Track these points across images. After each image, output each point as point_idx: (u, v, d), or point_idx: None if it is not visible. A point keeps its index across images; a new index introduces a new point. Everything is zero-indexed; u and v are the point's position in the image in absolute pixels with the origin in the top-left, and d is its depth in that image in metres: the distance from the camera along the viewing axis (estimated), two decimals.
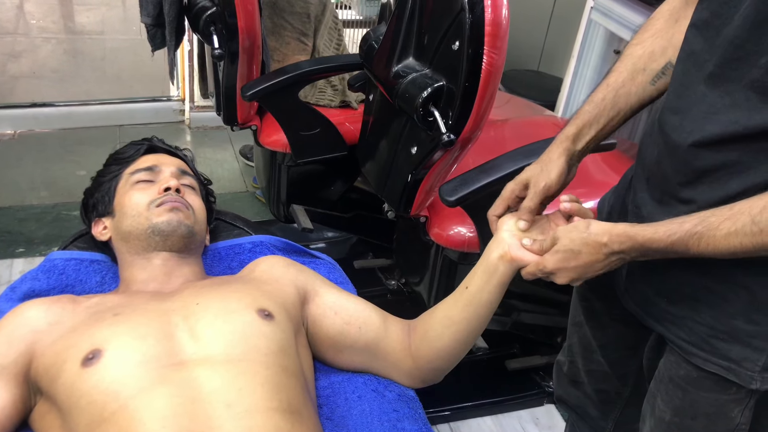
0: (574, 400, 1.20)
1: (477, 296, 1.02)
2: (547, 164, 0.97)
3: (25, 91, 3.09)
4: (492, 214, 1.03)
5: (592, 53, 2.41)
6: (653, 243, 0.78)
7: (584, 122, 0.96)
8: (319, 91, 2.00)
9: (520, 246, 0.97)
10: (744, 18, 0.72)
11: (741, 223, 0.71)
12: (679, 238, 0.76)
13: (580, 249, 0.85)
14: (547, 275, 0.91)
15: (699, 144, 0.77)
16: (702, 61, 0.78)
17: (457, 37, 1.20)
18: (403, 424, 1.05)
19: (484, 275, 1.01)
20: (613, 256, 0.83)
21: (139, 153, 1.22)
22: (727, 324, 0.81)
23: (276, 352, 0.96)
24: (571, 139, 0.97)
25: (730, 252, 0.72)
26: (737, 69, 0.73)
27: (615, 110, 0.94)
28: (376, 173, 1.60)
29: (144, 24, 1.98)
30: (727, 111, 0.74)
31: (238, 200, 2.60)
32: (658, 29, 0.92)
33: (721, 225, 0.72)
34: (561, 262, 0.88)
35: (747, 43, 0.72)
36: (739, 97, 0.73)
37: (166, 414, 0.84)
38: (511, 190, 1.00)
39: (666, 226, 0.77)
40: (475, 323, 1.04)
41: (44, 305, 1.01)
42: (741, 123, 0.73)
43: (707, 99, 0.76)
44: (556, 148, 0.98)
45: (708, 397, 0.86)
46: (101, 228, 1.18)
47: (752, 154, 0.73)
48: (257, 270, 1.15)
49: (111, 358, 0.89)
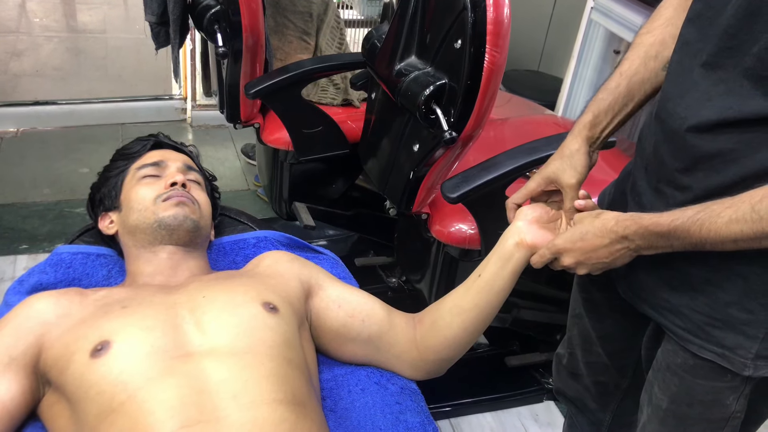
0: (573, 393, 1.21)
1: (490, 283, 1.04)
2: (570, 158, 0.98)
3: (27, 90, 3.10)
4: (512, 202, 1.05)
5: (592, 53, 2.42)
6: (657, 227, 0.80)
7: (600, 109, 0.97)
8: (322, 90, 2.01)
9: (535, 233, 1.00)
10: (737, 8, 0.74)
11: (742, 211, 0.73)
12: (681, 223, 0.77)
13: (588, 230, 0.88)
14: (555, 256, 0.93)
15: (695, 129, 0.79)
16: (696, 51, 0.80)
17: (459, 35, 1.21)
18: (406, 417, 1.06)
19: (498, 262, 1.03)
20: (618, 243, 0.85)
21: (145, 149, 1.23)
22: (723, 312, 0.83)
23: (281, 344, 0.97)
24: (588, 126, 0.98)
25: (732, 239, 0.74)
26: (731, 57, 0.75)
27: (629, 96, 0.96)
28: (377, 171, 1.62)
29: (148, 22, 1.99)
30: (721, 97, 0.76)
31: (240, 198, 2.61)
32: (667, 18, 0.94)
33: (723, 212, 0.74)
34: (568, 242, 0.91)
35: (739, 32, 0.74)
36: (733, 84, 0.75)
37: (173, 404, 0.85)
38: (537, 184, 1.02)
39: (670, 212, 0.80)
40: (486, 312, 1.06)
41: (52, 298, 1.02)
42: (735, 108, 0.75)
43: (701, 86, 0.79)
44: (574, 139, 0.99)
45: (704, 385, 0.87)
46: (108, 222, 1.19)
47: (747, 142, 0.75)
48: (262, 265, 1.16)
49: (119, 349, 0.90)
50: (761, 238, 0.73)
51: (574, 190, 0.98)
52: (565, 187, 0.98)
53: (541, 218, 1.03)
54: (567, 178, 0.97)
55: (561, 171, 0.98)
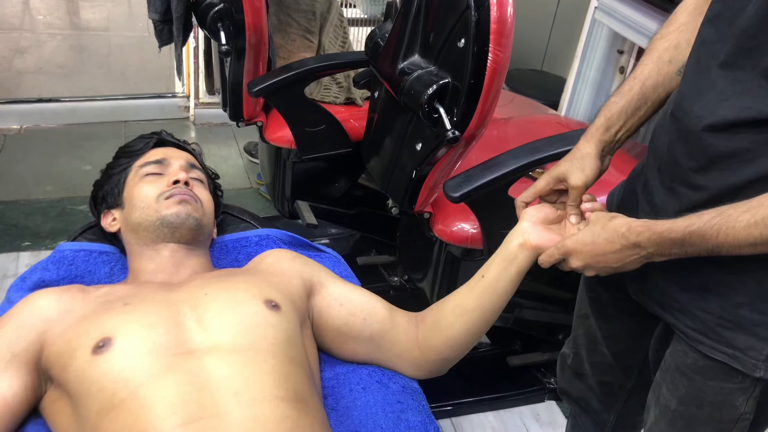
0: (578, 393, 1.21)
1: (493, 284, 1.03)
2: (581, 160, 0.98)
3: (31, 87, 3.10)
4: (522, 200, 1.05)
5: (595, 53, 2.41)
6: (671, 233, 0.79)
7: (612, 113, 0.97)
8: (325, 88, 2.01)
9: (540, 234, 0.99)
10: (756, 8, 0.74)
11: (760, 215, 0.72)
12: (697, 228, 0.77)
13: (600, 233, 0.88)
14: (564, 257, 0.93)
15: (711, 128, 0.79)
16: (714, 51, 0.80)
17: (463, 34, 1.21)
18: (407, 416, 1.06)
19: (502, 263, 1.03)
20: (629, 250, 0.85)
21: (148, 146, 1.23)
22: (734, 313, 0.83)
23: (282, 342, 0.97)
24: (602, 130, 0.98)
25: (750, 243, 0.74)
26: (749, 57, 0.75)
27: (642, 100, 0.96)
28: (380, 169, 1.61)
29: (151, 20, 1.99)
30: (738, 97, 0.76)
31: (243, 197, 2.61)
32: (682, 23, 0.94)
33: (740, 217, 0.74)
34: (579, 244, 0.90)
35: (759, 32, 0.73)
36: (751, 84, 0.75)
37: (174, 401, 0.85)
38: (546, 182, 1.01)
39: (685, 218, 0.79)
40: (489, 312, 1.05)
41: (55, 294, 1.02)
42: (753, 108, 0.74)
43: (719, 86, 0.78)
44: (586, 142, 0.99)
45: (713, 386, 0.87)
46: (110, 219, 1.19)
47: (763, 142, 0.75)
48: (264, 262, 1.16)
49: (121, 346, 0.91)
50: None
51: (579, 192, 0.98)
52: (571, 187, 0.98)
53: (547, 218, 1.02)
54: (574, 179, 0.97)
55: (570, 171, 0.98)
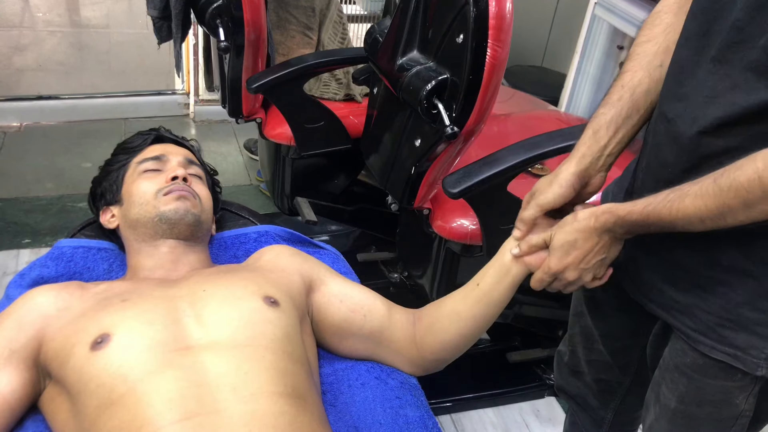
0: (575, 390, 1.21)
1: (488, 295, 1.03)
2: (554, 178, 0.95)
3: (30, 84, 3.10)
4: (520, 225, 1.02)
5: (595, 49, 2.41)
6: (632, 215, 0.81)
7: (600, 124, 0.93)
8: (324, 85, 2.01)
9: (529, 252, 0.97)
10: (745, 1, 0.73)
11: (705, 187, 0.73)
12: (653, 208, 0.78)
13: (575, 237, 0.88)
14: (554, 278, 0.92)
15: (704, 129, 0.78)
16: (702, 46, 0.79)
17: (462, 30, 1.21)
18: (406, 411, 1.06)
19: (496, 275, 1.02)
20: (605, 235, 0.86)
21: (146, 143, 1.23)
22: (734, 312, 0.82)
23: (281, 338, 0.97)
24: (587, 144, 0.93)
25: (698, 215, 0.73)
26: (737, 51, 0.74)
27: (634, 108, 0.91)
28: (379, 166, 1.61)
29: (150, 17, 1.99)
30: (726, 93, 0.75)
31: (243, 193, 2.61)
32: (668, 24, 0.90)
33: (689, 190, 0.74)
34: (562, 257, 0.90)
35: (748, 26, 0.72)
36: (739, 78, 0.74)
37: (172, 397, 0.86)
38: (525, 200, 0.99)
39: (644, 198, 0.80)
40: (483, 321, 1.06)
41: (53, 291, 1.02)
42: (739, 104, 0.73)
43: (708, 83, 0.77)
44: (567, 163, 0.95)
45: (713, 384, 0.86)
46: (109, 216, 1.19)
47: (753, 139, 0.73)
48: (263, 259, 1.16)
49: (119, 342, 0.91)
50: (725, 214, 0.72)
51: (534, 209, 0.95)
52: (533, 200, 0.96)
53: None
54: (539, 196, 0.95)
55: (540, 189, 0.96)
